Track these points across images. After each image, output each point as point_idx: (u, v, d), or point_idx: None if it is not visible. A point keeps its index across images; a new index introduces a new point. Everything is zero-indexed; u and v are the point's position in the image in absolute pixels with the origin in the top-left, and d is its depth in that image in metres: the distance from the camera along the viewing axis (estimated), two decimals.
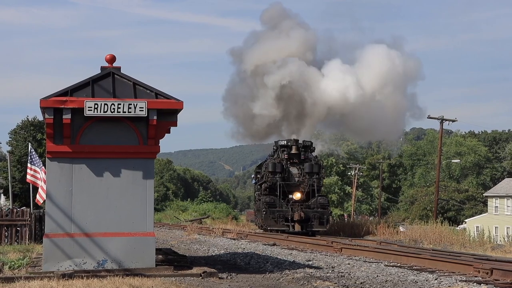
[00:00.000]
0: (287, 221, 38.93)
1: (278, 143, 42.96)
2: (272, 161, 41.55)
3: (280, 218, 38.99)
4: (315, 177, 40.63)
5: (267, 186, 40.99)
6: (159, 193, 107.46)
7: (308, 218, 38.86)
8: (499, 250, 29.53)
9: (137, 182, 14.68)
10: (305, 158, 41.71)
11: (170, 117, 14.84)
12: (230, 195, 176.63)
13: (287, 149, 42.06)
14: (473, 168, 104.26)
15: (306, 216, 38.74)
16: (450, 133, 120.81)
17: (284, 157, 41.63)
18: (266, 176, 41.34)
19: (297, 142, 42.24)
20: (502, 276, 14.77)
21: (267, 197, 40.08)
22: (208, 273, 14.58)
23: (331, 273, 15.94)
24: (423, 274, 15.76)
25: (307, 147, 42.45)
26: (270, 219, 39.25)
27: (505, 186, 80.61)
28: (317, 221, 38.89)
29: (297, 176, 41.25)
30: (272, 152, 44.15)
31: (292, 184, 40.91)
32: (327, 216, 39.77)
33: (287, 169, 41.36)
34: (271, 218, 39.16)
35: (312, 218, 38.90)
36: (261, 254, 21.62)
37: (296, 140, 42.43)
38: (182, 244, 27.44)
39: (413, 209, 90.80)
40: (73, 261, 14.27)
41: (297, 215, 38.59)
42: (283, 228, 38.57)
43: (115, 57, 15.31)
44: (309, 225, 38.89)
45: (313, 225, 38.90)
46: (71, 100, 14.17)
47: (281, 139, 43.55)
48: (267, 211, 39.18)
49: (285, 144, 42.31)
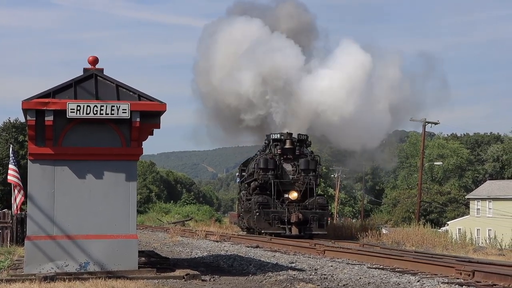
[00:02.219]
0: (283, 223, 35.84)
1: (270, 136, 39.35)
2: (263, 157, 38.16)
3: (275, 220, 35.85)
4: (311, 175, 37.48)
5: (258, 184, 37.88)
6: (142, 195, 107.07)
7: (306, 220, 35.82)
8: (481, 252, 29.70)
9: (119, 184, 14.63)
10: (300, 154, 38.41)
11: (153, 119, 14.80)
12: (213, 197, 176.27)
13: (281, 143, 38.62)
14: (455, 171, 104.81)
15: (304, 218, 35.75)
16: (433, 135, 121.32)
17: (277, 152, 38.24)
18: (257, 174, 37.93)
19: (291, 135, 38.78)
20: (483, 278, 14.85)
21: (260, 196, 36.92)
22: (191, 276, 14.56)
23: (314, 275, 15.96)
24: (405, 276, 15.82)
25: (302, 141, 39.04)
26: (263, 221, 36.07)
27: (486, 189, 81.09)
28: (316, 223, 35.88)
29: (292, 174, 38.01)
30: (263, 147, 40.84)
31: (287, 182, 37.72)
32: (326, 218, 36.96)
33: (281, 165, 38.08)
34: (265, 220, 35.98)
35: (310, 220, 35.84)
36: (244, 256, 21.61)
37: (290, 134, 38.83)
38: (165, 246, 27.37)
39: (396, 211, 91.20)
40: (55, 264, 14.19)
41: (294, 216, 35.51)
42: (279, 231, 35.49)
43: (98, 59, 15.26)
44: (308, 228, 35.85)
45: (312, 228, 35.84)
46: (54, 102, 14.10)
47: (273, 133, 39.73)
48: (261, 212, 36.01)
49: (278, 138, 38.72)
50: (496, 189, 79.25)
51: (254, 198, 37.19)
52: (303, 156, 38.28)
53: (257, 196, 37.05)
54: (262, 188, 37.68)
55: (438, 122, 56.58)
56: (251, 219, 37.87)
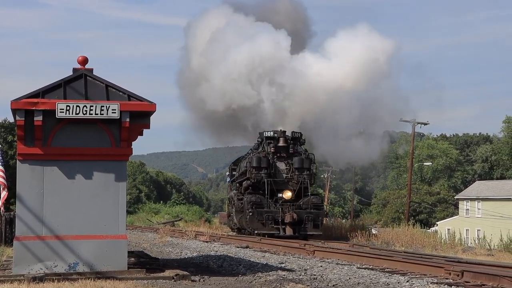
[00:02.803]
0: (276, 223, 35.01)
1: (263, 134, 38.24)
2: (256, 155, 37.17)
3: (269, 220, 34.96)
4: (305, 173, 36.57)
5: (250, 183, 36.89)
6: (132, 196, 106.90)
7: (301, 220, 34.97)
8: (470, 252, 29.83)
9: (109, 185, 14.59)
10: (294, 152, 37.43)
11: (143, 119, 14.78)
12: (203, 198, 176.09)
13: (274, 141, 37.55)
14: (445, 171, 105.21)
15: (298, 218, 34.91)
16: (422, 136, 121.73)
17: (270, 150, 37.27)
18: (250, 172, 36.92)
19: (285, 133, 37.77)
20: (472, 278, 14.91)
21: (253, 196, 36.00)
22: (180, 276, 14.54)
23: (304, 276, 15.97)
24: (395, 276, 15.86)
25: (296, 139, 37.94)
26: (256, 222, 35.13)
27: (476, 189, 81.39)
28: (311, 223, 35.04)
29: (285, 172, 37.03)
30: (256, 145, 39.53)
31: (280, 181, 36.75)
32: (322, 218, 36.23)
33: (274, 164, 37.14)
34: (258, 221, 35.05)
35: (305, 220, 34.99)
36: (233, 257, 21.60)
37: (283, 131, 37.84)
38: (155, 246, 27.32)
39: (386, 212, 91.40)
40: (44, 264, 14.14)
41: (288, 216, 34.69)
42: (273, 232, 34.70)
43: (87, 59, 15.21)
44: (303, 228, 35.02)
45: (307, 228, 35.01)
46: (43, 102, 14.05)
47: (266, 130, 38.57)
48: (254, 212, 35.09)
49: (272, 135, 37.65)
50: (485, 189, 79.55)
51: (247, 197, 36.30)
52: (297, 154, 37.40)
53: (249, 196, 36.18)
54: (255, 187, 36.78)
55: (428, 122, 56.81)
56: (244, 219, 36.96)
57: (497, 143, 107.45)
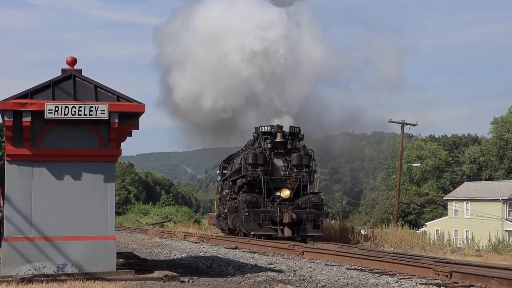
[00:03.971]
0: (274, 224, 32.97)
1: (259, 129, 35.93)
2: (252, 151, 35.11)
3: (266, 221, 32.95)
4: (304, 171, 34.48)
5: (246, 181, 34.85)
6: (121, 197, 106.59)
7: (300, 220, 33.00)
8: (459, 253, 29.93)
9: (98, 186, 14.55)
10: (292, 148, 35.21)
11: (132, 120, 14.74)
12: (192, 199, 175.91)
13: (271, 137, 35.35)
14: (433, 172, 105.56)
15: (298, 218, 32.93)
16: (411, 137, 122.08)
17: (267, 146, 35.07)
18: (245, 170, 34.81)
19: (282, 128, 35.60)
20: (461, 279, 14.96)
21: (248, 195, 33.90)
22: (169, 277, 14.52)
23: (293, 277, 15.98)
24: (384, 277, 15.90)
25: (294, 135, 35.68)
26: (252, 222, 33.08)
27: (464, 190, 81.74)
28: (311, 224, 33.07)
29: (283, 170, 34.97)
30: (251, 141, 37.40)
31: (278, 179, 34.68)
32: (322, 218, 34.20)
33: (271, 161, 35.02)
34: (254, 221, 33.03)
35: (305, 221, 33.02)
36: (223, 258, 21.59)
37: (280, 126, 35.62)
38: (144, 247, 27.27)
39: (375, 213, 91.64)
40: (33, 265, 14.08)
41: (287, 216, 32.65)
42: (270, 233, 32.77)
43: (76, 60, 15.16)
44: (302, 229, 33.06)
45: (307, 229, 33.08)
46: (31, 102, 14.00)
47: (263, 125, 36.17)
48: (250, 212, 33.02)
49: (268, 130, 35.44)
50: (473, 190, 79.92)
51: (242, 196, 34.25)
52: (296, 150, 35.18)
53: (245, 195, 34.10)
54: (250, 186, 34.76)
55: (417, 123, 56.98)
56: (239, 219, 34.83)
57: (485, 144, 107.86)
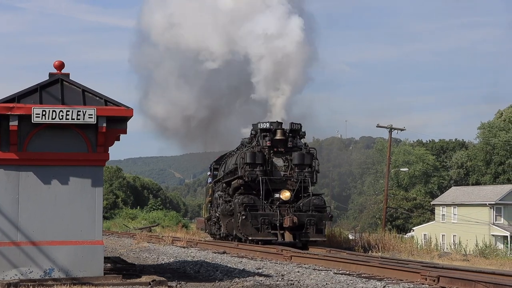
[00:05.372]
0: (273, 228, 30.67)
1: (257, 126, 33.23)
2: (250, 150, 32.49)
3: (265, 225, 30.57)
4: (306, 171, 32.04)
5: (242, 183, 32.40)
6: (108, 201, 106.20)
7: (301, 224, 30.67)
8: (446, 258, 30.01)
9: (85, 190, 14.50)
10: (293, 146, 32.60)
11: (119, 124, 14.70)
12: (180, 203, 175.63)
13: (270, 134, 32.66)
14: (421, 177, 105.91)
15: (299, 222, 30.60)
16: (399, 142, 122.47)
17: (266, 144, 32.47)
18: (243, 170, 32.29)
19: (282, 125, 33.10)
20: (448, 284, 14.99)
21: (245, 197, 31.49)
22: (157, 282, 14.47)
23: (281, 281, 15.97)
24: (371, 281, 15.90)
25: (295, 132, 32.99)
26: (250, 227, 30.60)
27: (451, 195, 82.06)
28: (313, 228, 30.71)
29: (283, 170, 32.56)
30: (248, 139, 34.48)
31: (277, 180, 32.19)
32: (325, 222, 32.04)
33: (270, 160, 32.57)
34: (252, 225, 30.59)
35: (307, 225, 30.66)
36: (211, 262, 21.56)
37: (280, 123, 33.12)
38: (131, 252, 27.20)
39: (362, 217, 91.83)
40: (19, 270, 14.01)
41: (288, 220, 30.30)
42: (269, 238, 30.44)
43: (63, 64, 15.12)
44: (304, 234, 30.70)
45: (309, 234, 30.68)
46: (18, 106, 13.94)
47: (262, 121, 33.39)
48: (247, 215, 30.54)
49: (268, 127, 32.74)
50: (460, 195, 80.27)
51: (238, 198, 31.80)
52: (297, 148, 32.64)
53: (241, 197, 31.67)
54: (247, 187, 32.35)
55: (404, 128, 57.19)
56: (235, 224, 32.35)
57: (472, 149, 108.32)
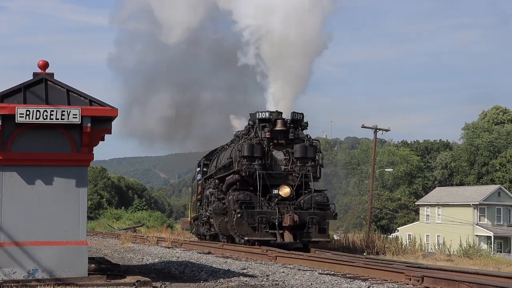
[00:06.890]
0: (272, 227, 28.23)
1: (255, 116, 30.23)
2: (248, 142, 29.66)
3: (263, 224, 28.08)
4: (309, 165, 29.36)
5: (239, 178, 29.66)
6: (93, 201, 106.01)
7: (303, 223, 28.26)
8: (430, 258, 30.14)
9: (70, 190, 14.43)
10: (295, 138, 29.80)
11: (104, 124, 14.65)
12: (165, 204, 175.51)
13: (269, 124, 29.79)
14: (406, 177, 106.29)
15: (300, 221, 28.16)
16: (384, 142, 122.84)
17: (265, 136, 29.67)
18: (239, 164, 29.41)
19: (282, 114, 30.27)
20: (432, 284, 15.05)
21: (240, 193, 28.91)
22: (141, 282, 14.43)
23: (266, 282, 15.97)
24: (356, 282, 15.94)
25: (297, 122, 30.09)
26: (246, 226, 28.12)
27: (436, 195, 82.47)
28: (316, 227, 28.31)
29: (284, 164, 29.76)
30: (245, 130, 31.55)
31: (277, 175, 29.51)
32: (328, 221, 29.52)
33: (270, 153, 29.76)
34: (249, 224, 28.12)
35: (309, 223, 28.28)
36: (195, 263, 21.54)
37: (280, 112, 30.25)
38: (116, 253, 27.11)
39: (347, 218, 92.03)
40: (2, 271, 13.92)
41: (288, 218, 27.79)
42: (267, 238, 28.01)
43: (48, 63, 15.04)
44: (305, 234, 28.34)
45: (311, 234, 28.33)
46: (2, 106, 13.85)
47: (260, 111, 30.43)
48: (243, 213, 28.05)
49: (267, 117, 29.84)
50: (445, 195, 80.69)
51: (233, 195, 29.16)
52: (299, 140, 29.88)
53: (236, 193, 29.07)
54: (244, 183, 29.67)
55: (389, 129, 57.36)
56: (229, 223, 29.69)
57: (456, 150, 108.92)
